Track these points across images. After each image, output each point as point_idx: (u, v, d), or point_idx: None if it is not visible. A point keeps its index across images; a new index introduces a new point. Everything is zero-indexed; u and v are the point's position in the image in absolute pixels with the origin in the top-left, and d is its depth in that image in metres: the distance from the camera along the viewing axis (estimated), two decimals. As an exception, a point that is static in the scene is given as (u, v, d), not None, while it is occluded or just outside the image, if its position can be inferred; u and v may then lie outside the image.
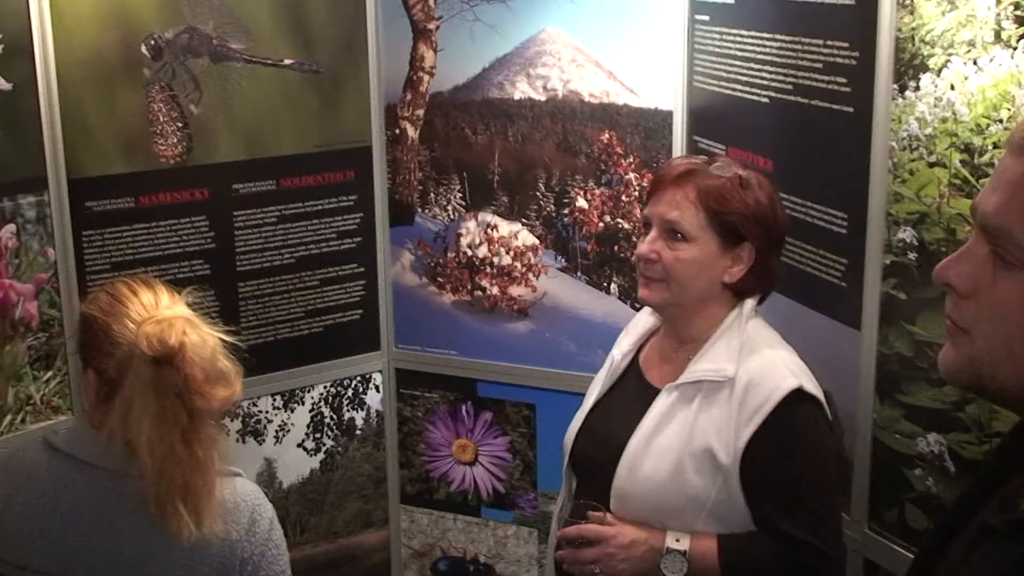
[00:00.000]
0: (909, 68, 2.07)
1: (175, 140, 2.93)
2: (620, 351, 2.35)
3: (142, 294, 1.99)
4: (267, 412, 3.22)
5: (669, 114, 2.85)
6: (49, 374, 2.80)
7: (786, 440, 2.04)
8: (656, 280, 2.16)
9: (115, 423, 1.91)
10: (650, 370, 2.29)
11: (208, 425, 1.94)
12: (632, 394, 2.27)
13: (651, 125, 2.89)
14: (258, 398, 3.19)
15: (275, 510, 2.11)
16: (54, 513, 1.95)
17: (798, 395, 2.05)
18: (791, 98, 2.40)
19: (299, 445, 3.29)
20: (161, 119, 2.90)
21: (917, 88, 2.06)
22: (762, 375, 2.07)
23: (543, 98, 3.04)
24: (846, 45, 2.23)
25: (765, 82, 2.48)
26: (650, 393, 2.21)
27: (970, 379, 1.19)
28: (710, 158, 2.24)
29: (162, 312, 1.95)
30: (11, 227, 2.69)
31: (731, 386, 2.08)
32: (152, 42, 2.84)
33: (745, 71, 2.54)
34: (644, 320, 2.39)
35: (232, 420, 3.14)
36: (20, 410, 2.76)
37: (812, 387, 2.09)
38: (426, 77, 3.16)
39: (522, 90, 3.06)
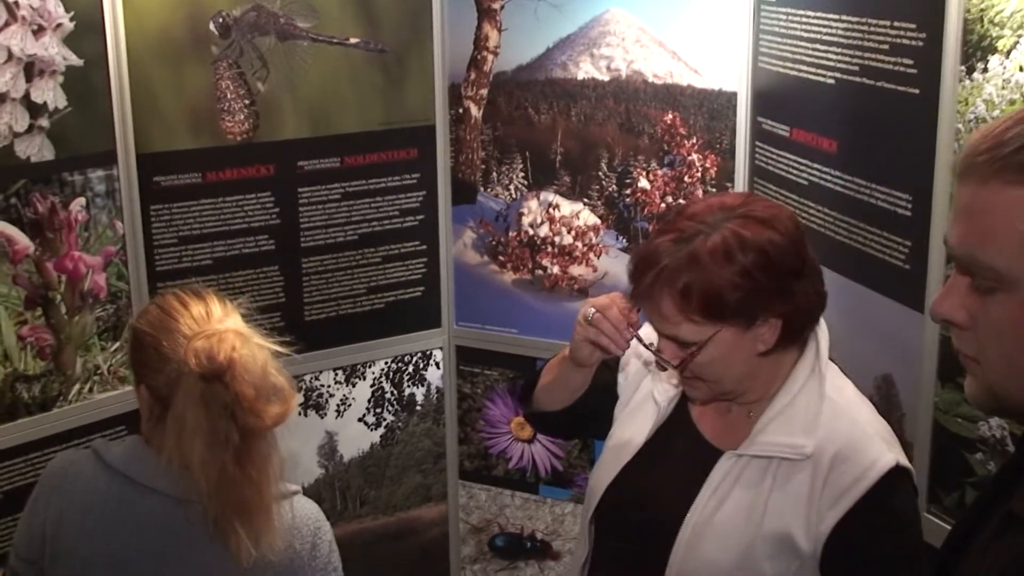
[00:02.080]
0: (977, 49, 2.04)
1: (242, 117, 2.97)
2: (664, 395, 1.99)
3: (193, 306, 1.93)
4: (329, 386, 3.26)
5: (733, 95, 2.84)
6: (116, 345, 2.86)
7: (880, 525, 1.75)
8: (690, 379, 1.86)
9: (170, 444, 1.85)
10: (703, 421, 1.95)
11: (262, 443, 1.87)
12: (683, 450, 1.93)
13: (715, 106, 2.88)
14: (320, 372, 3.23)
15: (336, 482, 2.12)
16: (116, 536, 1.91)
17: (897, 473, 1.75)
18: (857, 79, 2.38)
19: (360, 419, 3.33)
20: (228, 96, 2.94)
21: (985, 70, 2.03)
22: (853, 447, 1.77)
23: (606, 78, 3.03)
24: (913, 26, 2.20)
25: (831, 63, 2.46)
26: (708, 455, 1.88)
27: (991, 404, 1.21)
28: (681, 216, 1.82)
29: (212, 326, 1.88)
30: (81, 200, 2.75)
31: (813, 461, 1.77)
32: (220, 20, 2.88)
33: (811, 52, 2.52)
34: None
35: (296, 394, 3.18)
36: (88, 380, 2.82)
37: (900, 451, 1.81)
38: (490, 57, 3.17)
39: (585, 70, 3.06)
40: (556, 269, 3.21)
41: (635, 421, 2.00)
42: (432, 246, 3.32)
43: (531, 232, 3.22)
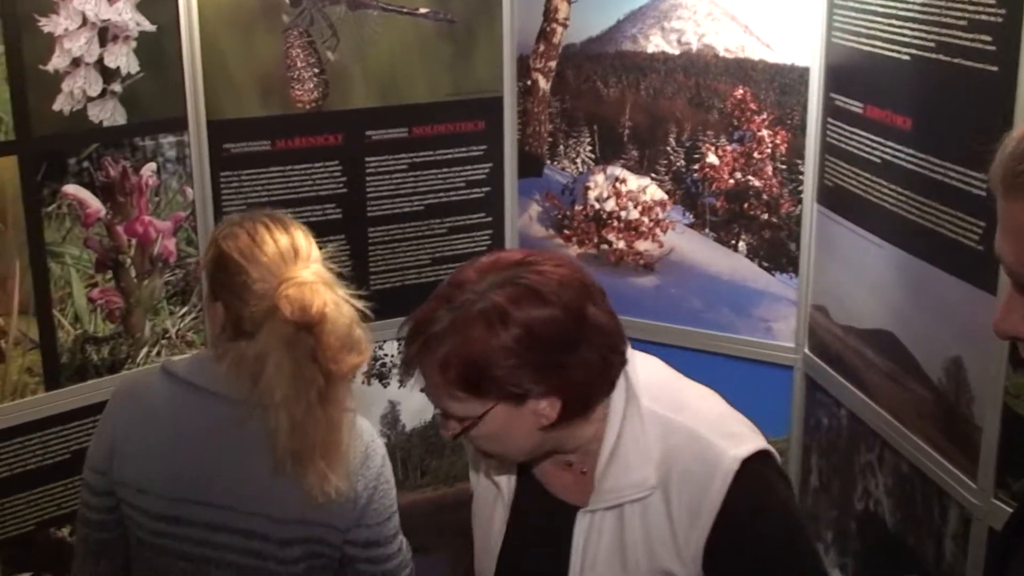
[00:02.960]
0: (1060, 26, 1.99)
1: (311, 86, 2.98)
2: (498, 471, 1.84)
3: (279, 238, 1.96)
4: (392, 356, 3.27)
5: (806, 70, 2.80)
6: (184, 309, 2.90)
7: (748, 529, 1.65)
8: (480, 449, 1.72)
9: (246, 358, 1.92)
10: (550, 479, 1.81)
11: (341, 387, 1.95)
12: (542, 518, 1.81)
13: (787, 81, 2.84)
14: (384, 342, 3.24)
15: (398, 451, 2.14)
16: (176, 439, 1.99)
17: (746, 468, 1.64)
18: (933, 56, 2.33)
19: (423, 389, 3.33)
20: (298, 64, 2.95)
21: (1067, 47, 1.98)
22: (694, 459, 1.65)
23: (677, 52, 3.00)
24: (992, 2, 2.15)
25: (906, 39, 2.41)
26: (566, 514, 1.75)
27: None
28: (455, 278, 1.66)
29: (301, 273, 1.92)
30: (152, 166, 2.78)
31: (662, 488, 1.66)
32: (292, -12, 2.90)
33: (886, 27, 2.47)
34: None
35: (358, 363, 3.21)
36: (156, 343, 2.86)
37: (747, 438, 1.69)
38: (559, 29, 3.15)
39: (656, 43, 3.03)
40: (622, 244, 3.20)
41: (487, 507, 1.90)
42: (497, 218, 3.32)
43: (597, 206, 3.21)
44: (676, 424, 1.68)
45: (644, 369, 1.75)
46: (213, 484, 1.98)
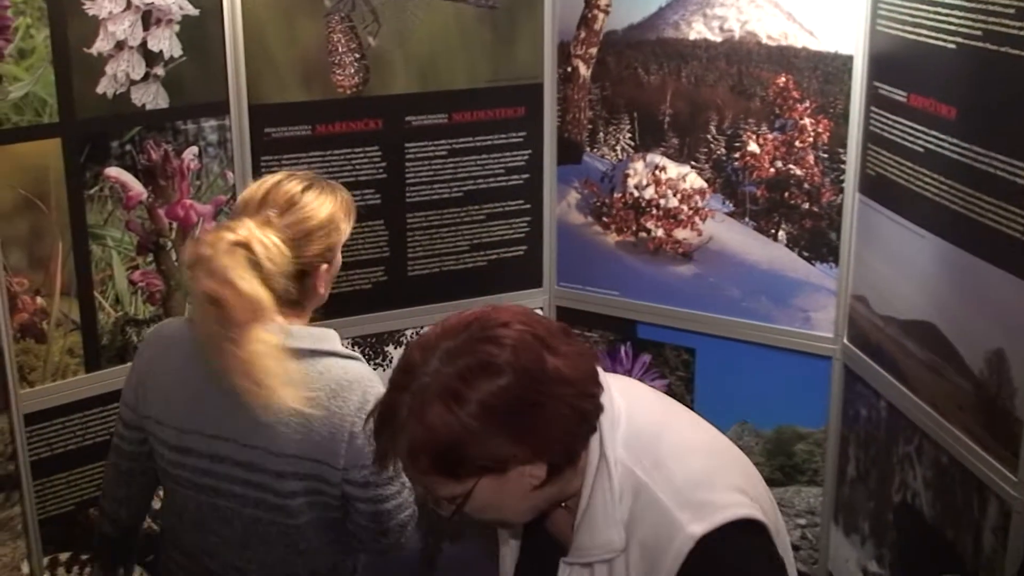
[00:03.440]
0: (1110, 14, 1.97)
1: (352, 71, 2.99)
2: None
3: (255, 187, 2.14)
4: (429, 342, 3.28)
5: (849, 58, 2.77)
6: (224, 293, 2.91)
7: None
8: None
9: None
10: (551, 519, 1.78)
11: (234, 313, 1.95)
12: (545, 552, 1.80)
13: (830, 69, 2.82)
14: (421, 328, 3.25)
15: None
16: (185, 373, 2.12)
17: (704, 546, 1.54)
18: (979, 44, 2.31)
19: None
20: (340, 49, 2.96)
21: (1117, 35, 1.95)
22: (653, 529, 1.59)
23: (719, 39, 2.99)
24: (1042, -11, 2.13)
25: (952, 27, 2.39)
26: (559, 555, 1.74)
27: None
28: (406, 358, 1.60)
29: (230, 223, 2.06)
30: (193, 149, 2.79)
31: (627, 552, 1.61)
32: (333, -27, 2.90)
33: (931, 15, 2.45)
34: None
35: (396, 348, 3.22)
36: (196, 326, 2.88)
37: (718, 508, 1.57)
38: (601, 15, 3.14)
39: (698, 30, 3.01)
40: (660, 232, 3.18)
41: (503, 543, 1.91)
42: (536, 205, 3.32)
43: (636, 194, 3.20)
44: (643, 485, 1.61)
45: (627, 407, 1.67)
46: (216, 416, 2.09)
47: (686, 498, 1.58)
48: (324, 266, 2.13)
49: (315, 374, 2.06)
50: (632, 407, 1.68)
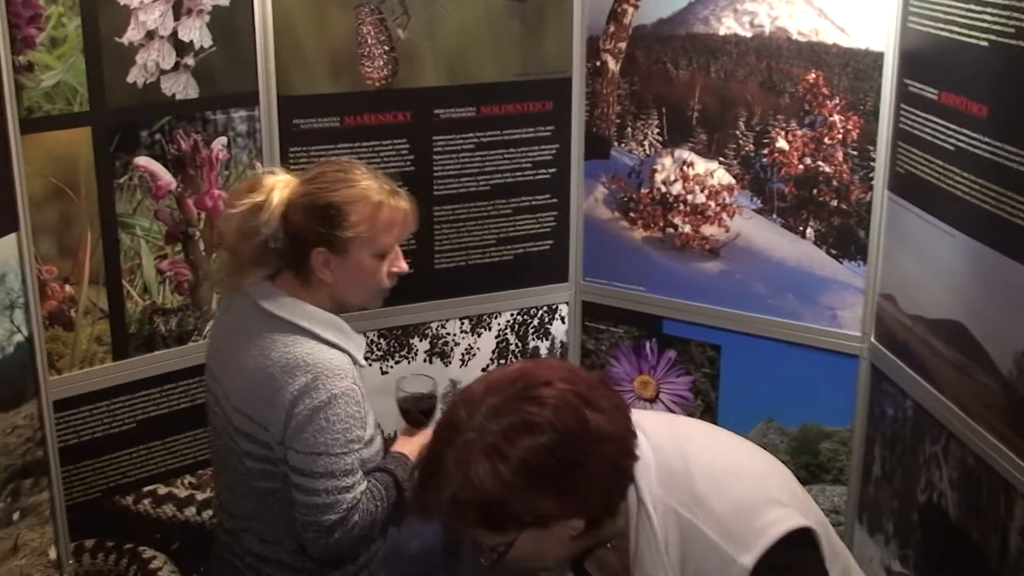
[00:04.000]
0: None
1: (381, 63, 2.99)
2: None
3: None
4: (455, 335, 3.28)
5: (880, 55, 2.76)
6: (251, 283, 2.92)
7: None
8: None
9: None
10: (596, 562, 1.83)
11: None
12: None
13: (860, 66, 2.80)
14: (447, 321, 3.25)
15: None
16: (220, 327, 2.40)
17: (761, 568, 1.60)
18: (1013, 42, 2.29)
19: (483, 369, 3.35)
20: (369, 42, 2.96)
21: None
22: (706, 563, 1.63)
23: (749, 34, 2.97)
24: (1077, -14, 2.11)
25: (985, 24, 2.37)
26: None
27: None
28: (452, 411, 1.64)
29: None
30: (223, 140, 2.80)
31: None
32: (364, -35, 2.90)
33: (964, 12, 2.43)
34: None
35: (421, 340, 3.23)
36: (223, 316, 2.89)
37: (765, 531, 1.62)
38: (631, 9, 3.13)
39: (728, 26, 3.00)
40: (688, 228, 3.18)
41: None
42: (563, 200, 3.31)
43: (664, 189, 3.19)
44: (688, 523, 1.65)
45: (656, 447, 1.70)
46: (223, 366, 2.30)
47: (730, 529, 1.62)
48: (319, 249, 2.18)
49: (280, 343, 2.17)
50: (653, 442, 1.71)
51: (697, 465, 1.70)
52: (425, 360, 3.24)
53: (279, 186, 2.20)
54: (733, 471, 1.72)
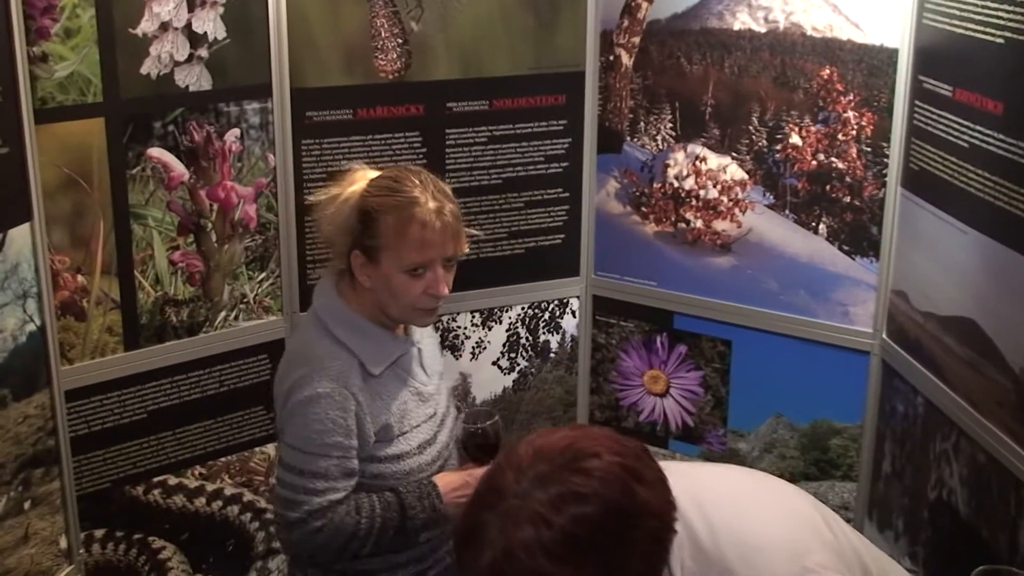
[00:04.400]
0: None
1: (395, 56, 2.99)
2: None
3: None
4: (465, 328, 3.28)
5: (895, 52, 2.75)
6: (263, 275, 2.93)
7: None
8: None
9: None
10: None
11: None
12: None
13: (875, 62, 2.79)
14: (457, 314, 3.25)
15: None
16: None
17: None
18: (1028, 39, 2.28)
19: (494, 363, 3.36)
20: (383, 34, 2.96)
21: None
22: None
23: (763, 30, 2.97)
24: (1094, -17, 2.10)
25: (1002, 21, 2.36)
26: None
27: None
28: (498, 476, 1.60)
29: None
30: (236, 131, 2.81)
31: None
32: (378, -43, 2.90)
33: (980, 9, 2.42)
34: None
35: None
36: (234, 307, 2.90)
37: None
38: (644, 4, 3.12)
39: (742, 21, 2.99)
40: (699, 223, 3.17)
41: None
42: (575, 194, 3.31)
43: (676, 184, 3.19)
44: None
45: (680, 514, 1.66)
46: None
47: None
48: (356, 251, 2.22)
49: (302, 333, 2.33)
50: (678, 510, 1.67)
51: (725, 537, 1.69)
52: (436, 353, 3.24)
53: (357, 181, 2.26)
54: (763, 542, 1.70)
